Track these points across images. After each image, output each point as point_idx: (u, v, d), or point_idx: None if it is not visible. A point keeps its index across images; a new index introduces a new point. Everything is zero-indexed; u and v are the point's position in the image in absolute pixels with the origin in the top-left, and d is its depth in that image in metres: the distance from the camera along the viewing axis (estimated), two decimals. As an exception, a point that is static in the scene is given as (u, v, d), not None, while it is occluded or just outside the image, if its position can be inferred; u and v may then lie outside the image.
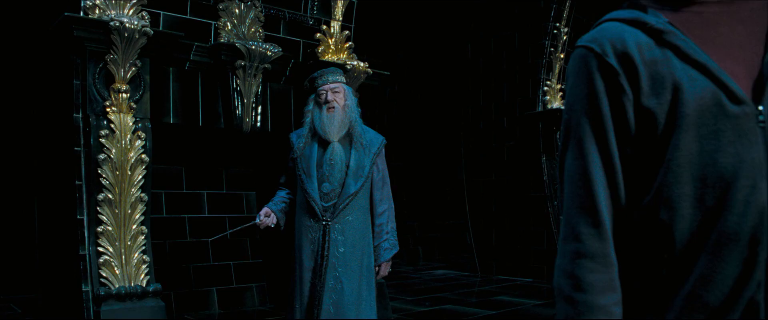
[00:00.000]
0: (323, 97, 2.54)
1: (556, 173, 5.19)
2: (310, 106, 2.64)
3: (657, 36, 0.69)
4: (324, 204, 2.46)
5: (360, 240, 2.49)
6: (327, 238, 2.46)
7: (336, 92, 2.57)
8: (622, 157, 0.70)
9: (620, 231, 0.71)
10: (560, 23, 5.11)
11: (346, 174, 2.50)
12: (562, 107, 4.99)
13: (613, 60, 0.70)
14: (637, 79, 0.68)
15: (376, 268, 2.58)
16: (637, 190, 0.69)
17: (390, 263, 2.65)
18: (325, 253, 2.45)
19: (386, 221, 2.59)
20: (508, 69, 5.44)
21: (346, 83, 2.68)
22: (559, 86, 5.28)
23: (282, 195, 2.62)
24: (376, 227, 2.57)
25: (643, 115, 0.68)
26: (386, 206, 2.61)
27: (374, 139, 2.60)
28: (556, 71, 5.24)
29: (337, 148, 2.48)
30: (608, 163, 0.70)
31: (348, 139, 2.55)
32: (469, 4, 5.57)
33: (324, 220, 2.45)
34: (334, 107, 2.53)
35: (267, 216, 2.48)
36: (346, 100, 2.59)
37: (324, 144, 2.51)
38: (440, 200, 6.79)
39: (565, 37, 5.19)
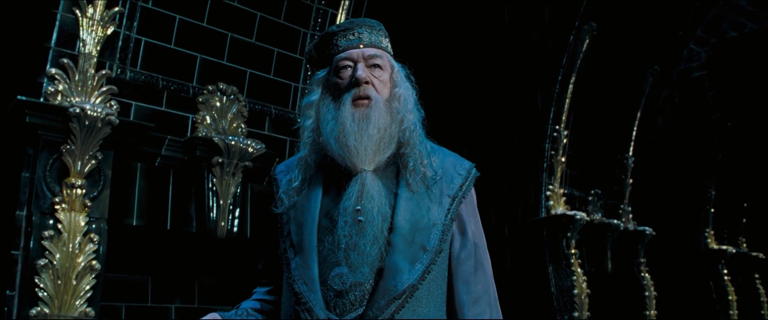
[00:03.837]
0: (348, 73, 1.26)
1: (564, 284, 4.77)
2: (316, 94, 1.31)
3: None
4: (334, 317, 1.16)
5: None
6: None
7: (375, 65, 1.27)
8: None
9: None
10: (560, 125, 4.93)
11: (389, 243, 1.19)
12: (567, 212, 4.66)
13: None
14: None
15: None
16: None
17: None
18: None
19: None
20: (508, 173, 5.19)
21: (394, 56, 1.37)
22: (561, 191, 4.99)
23: (258, 296, 1.42)
24: None
25: None
26: (485, 314, 1.27)
27: (454, 167, 1.34)
28: (558, 175, 4.99)
29: (370, 186, 1.20)
30: None
31: (394, 168, 1.28)
32: (466, 107, 5.44)
33: None
34: (369, 96, 1.24)
35: None
36: (395, 86, 1.28)
37: (341, 179, 1.24)
38: (437, 315, 6.26)
39: (565, 140, 4.99)
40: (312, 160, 1.30)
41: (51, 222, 2.29)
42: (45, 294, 2.20)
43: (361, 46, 1.29)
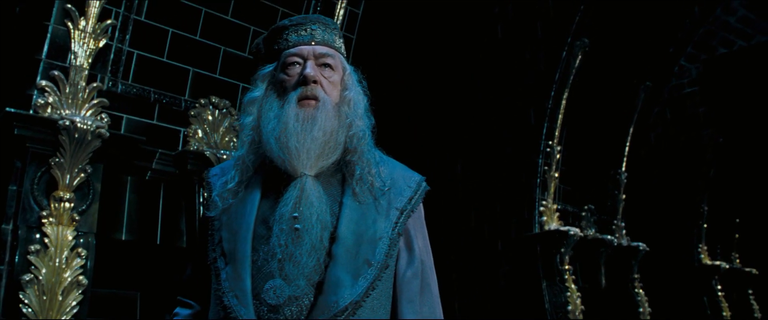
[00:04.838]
0: (296, 71, 1.18)
1: (558, 300, 4.73)
2: (260, 91, 1.22)
3: None
4: None
5: None
6: None
7: (326, 65, 1.20)
8: None
9: None
10: (553, 141, 4.93)
11: (330, 254, 1.10)
12: (560, 228, 4.63)
13: None
14: None
15: None
16: None
17: None
18: None
19: None
20: (501, 189, 5.17)
21: (347, 57, 1.29)
22: (555, 206, 4.98)
23: (179, 319, 1.26)
24: None
25: None
26: None
27: (403, 179, 1.23)
28: (551, 190, 4.97)
29: (310, 192, 1.10)
30: None
31: (340, 176, 1.19)
32: (458, 122, 5.44)
33: None
34: (317, 97, 1.15)
35: None
36: (346, 89, 1.20)
37: (280, 184, 1.14)
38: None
39: (558, 156, 4.99)
40: (250, 160, 1.19)
41: (37, 236, 2.25)
42: (29, 310, 2.15)
43: (313, 43, 1.21)
